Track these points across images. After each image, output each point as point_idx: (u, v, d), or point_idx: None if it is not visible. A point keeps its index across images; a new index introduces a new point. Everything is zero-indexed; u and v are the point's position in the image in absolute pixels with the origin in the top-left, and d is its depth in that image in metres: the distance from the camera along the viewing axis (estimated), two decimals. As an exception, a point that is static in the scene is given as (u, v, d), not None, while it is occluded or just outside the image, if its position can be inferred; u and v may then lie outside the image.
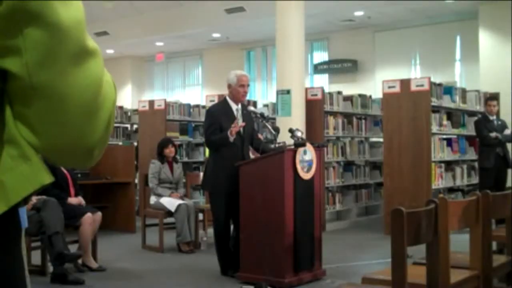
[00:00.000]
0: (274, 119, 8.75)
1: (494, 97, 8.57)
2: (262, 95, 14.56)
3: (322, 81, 13.65)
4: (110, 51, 15.20)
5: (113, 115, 0.83)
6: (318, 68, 13.77)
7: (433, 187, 7.64)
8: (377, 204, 9.69)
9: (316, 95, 8.64)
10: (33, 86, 0.73)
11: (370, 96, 9.82)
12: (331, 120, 8.79)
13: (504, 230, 4.03)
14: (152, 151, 7.63)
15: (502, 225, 4.47)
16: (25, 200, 0.79)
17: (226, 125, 5.34)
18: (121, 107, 12.13)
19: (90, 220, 5.58)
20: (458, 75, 12.12)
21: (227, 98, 5.57)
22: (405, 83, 7.78)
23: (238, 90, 5.45)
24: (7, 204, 0.75)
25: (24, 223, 3.61)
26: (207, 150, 7.31)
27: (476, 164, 8.68)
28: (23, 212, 4.13)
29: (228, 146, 5.33)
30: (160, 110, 9.27)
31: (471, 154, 8.85)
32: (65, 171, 5.87)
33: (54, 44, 0.72)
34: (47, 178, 0.80)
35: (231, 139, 5.27)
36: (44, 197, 5.28)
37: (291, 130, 5.20)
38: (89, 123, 0.78)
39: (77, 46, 0.74)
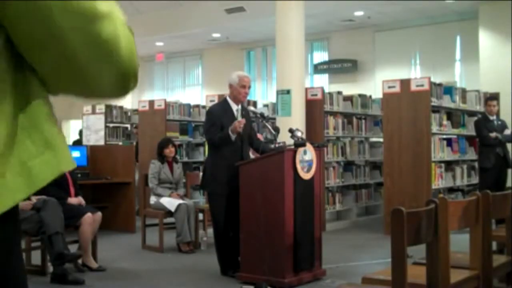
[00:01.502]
0: (274, 119, 8.75)
1: (494, 97, 8.56)
2: (262, 95, 14.56)
3: (322, 81, 13.66)
4: (110, 51, 15.18)
5: (134, 51, 0.90)
6: (318, 68, 13.78)
7: (433, 187, 7.63)
8: (377, 204, 9.69)
9: (316, 95, 8.64)
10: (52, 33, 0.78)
11: (370, 96, 9.82)
12: (331, 120, 8.79)
13: (504, 230, 4.03)
14: (152, 151, 7.63)
15: (502, 225, 4.47)
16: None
17: (227, 125, 5.34)
18: (121, 107, 12.12)
19: (90, 220, 5.58)
20: (458, 75, 12.12)
21: (228, 98, 5.57)
22: (405, 83, 7.77)
23: (239, 90, 5.44)
24: (33, 188, 0.79)
25: None
26: (207, 150, 7.30)
27: (476, 164, 8.67)
28: None
29: (228, 146, 5.33)
30: (160, 110, 9.27)
31: (471, 154, 8.85)
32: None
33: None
34: (70, 164, 0.84)
35: (233, 137, 5.27)
36: (44, 197, 5.27)
37: (291, 130, 5.20)
38: (102, 75, 0.85)
39: (88, 10, 0.78)
